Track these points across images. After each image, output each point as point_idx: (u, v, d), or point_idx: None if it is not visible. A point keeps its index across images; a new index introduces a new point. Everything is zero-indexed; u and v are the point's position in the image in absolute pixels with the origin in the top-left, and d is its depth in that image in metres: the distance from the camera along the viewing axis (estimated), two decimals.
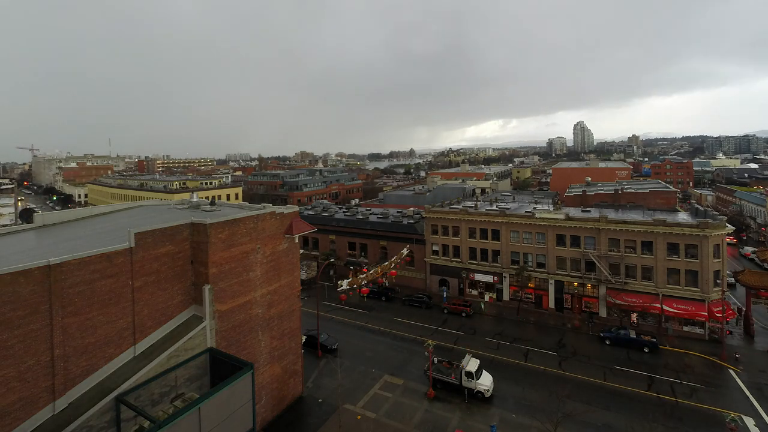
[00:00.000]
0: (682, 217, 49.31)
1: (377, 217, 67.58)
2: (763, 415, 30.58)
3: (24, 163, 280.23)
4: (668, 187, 72.41)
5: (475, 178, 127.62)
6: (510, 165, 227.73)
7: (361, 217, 68.76)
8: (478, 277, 55.63)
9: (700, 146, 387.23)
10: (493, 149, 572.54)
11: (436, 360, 36.47)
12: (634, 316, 46.31)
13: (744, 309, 46.03)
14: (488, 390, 33.14)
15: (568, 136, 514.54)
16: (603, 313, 48.11)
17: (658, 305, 44.60)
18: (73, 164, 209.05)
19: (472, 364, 34.34)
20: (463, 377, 33.54)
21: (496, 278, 54.48)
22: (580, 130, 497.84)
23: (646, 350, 40.90)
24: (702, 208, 50.37)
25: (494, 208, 59.51)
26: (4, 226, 52.98)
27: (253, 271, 28.85)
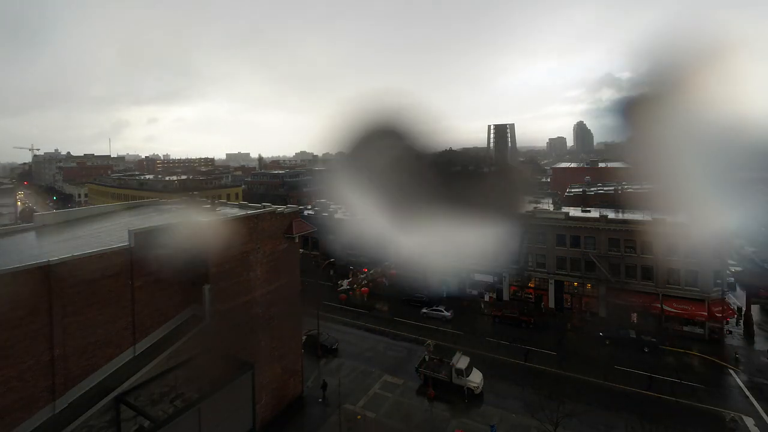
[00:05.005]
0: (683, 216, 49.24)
1: None
2: (763, 415, 30.57)
3: (24, 163, 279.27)
4: None
5: None
6: None
7: None
8: (477, 276, 55.61)
9: None
10: None
11: (427, 357, 36.41)
12: (634, 316, 46.31)
13: (744, 309, 46.05)
14: (478, 387, 33.35)
15: (569, 136, 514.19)
16: (603, 313, 48.12)
17: (658, 305, 44.62)
18: (73, 164, 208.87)
19: (462, 362, 34.48)
20: (453, 374, 33.66)
21: (496, 278, 54.47)
22: (580, 130, 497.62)
23: (646, 350, 40.92)
24: None
25: None
26: (4, 226, 52.90)
27: (253, 271, 28.83)
